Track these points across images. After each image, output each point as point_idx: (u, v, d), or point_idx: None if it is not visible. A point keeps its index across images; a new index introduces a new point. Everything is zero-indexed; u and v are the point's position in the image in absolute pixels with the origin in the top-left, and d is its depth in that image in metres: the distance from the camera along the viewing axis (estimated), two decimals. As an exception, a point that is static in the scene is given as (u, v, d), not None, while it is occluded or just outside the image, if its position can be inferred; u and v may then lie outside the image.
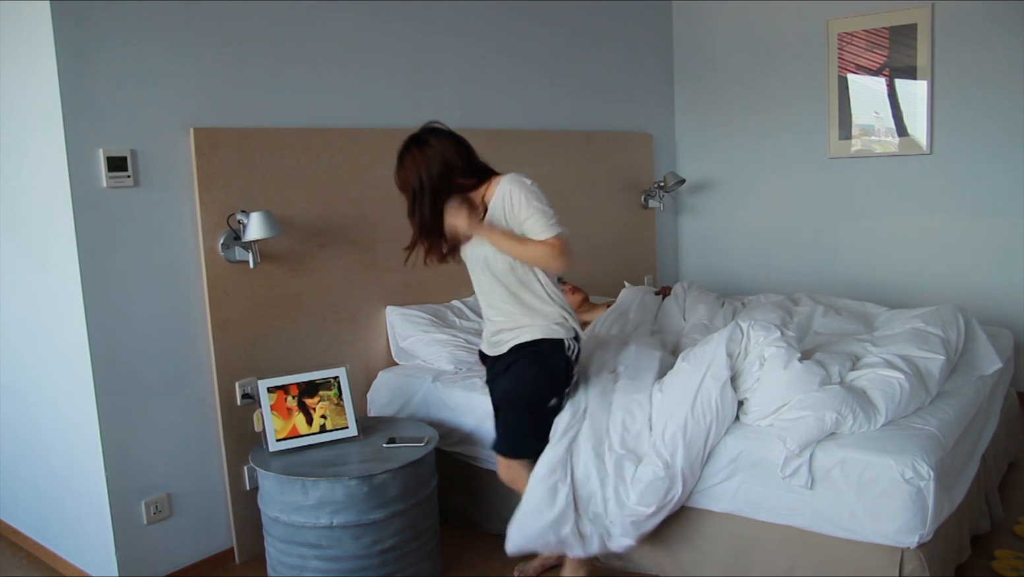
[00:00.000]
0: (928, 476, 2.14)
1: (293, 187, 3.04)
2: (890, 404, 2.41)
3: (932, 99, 4.26)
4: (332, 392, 2.78)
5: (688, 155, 5.21)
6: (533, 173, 3.13)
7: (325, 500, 2.44)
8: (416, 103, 3.53)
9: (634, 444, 2.51)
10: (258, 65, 2.95)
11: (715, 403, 2.45)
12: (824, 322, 3.27)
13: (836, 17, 4.49)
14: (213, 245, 2.80)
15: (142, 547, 2.71)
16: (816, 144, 4.68)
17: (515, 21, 4.02)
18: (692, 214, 5.25)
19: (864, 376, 2.53)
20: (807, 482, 2.29)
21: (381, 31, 3.37)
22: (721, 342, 2.54)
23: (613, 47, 4.66)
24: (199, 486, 2.84)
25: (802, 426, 2.32)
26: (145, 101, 2.64)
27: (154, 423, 2.71)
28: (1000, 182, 4.14)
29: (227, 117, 2.86)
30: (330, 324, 3.19)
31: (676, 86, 5.19)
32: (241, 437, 2.89)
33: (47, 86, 2.48)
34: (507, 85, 3.99)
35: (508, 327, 2.47)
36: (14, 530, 3.25)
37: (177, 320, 2.75)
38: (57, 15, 2.43)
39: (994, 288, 4.20)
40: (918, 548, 2.19)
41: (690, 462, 2.43)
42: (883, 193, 4.49)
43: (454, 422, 3.01)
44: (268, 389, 2.69)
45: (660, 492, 2.41)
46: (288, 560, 2.53)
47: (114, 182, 2.56)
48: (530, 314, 2.44)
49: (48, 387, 2.84)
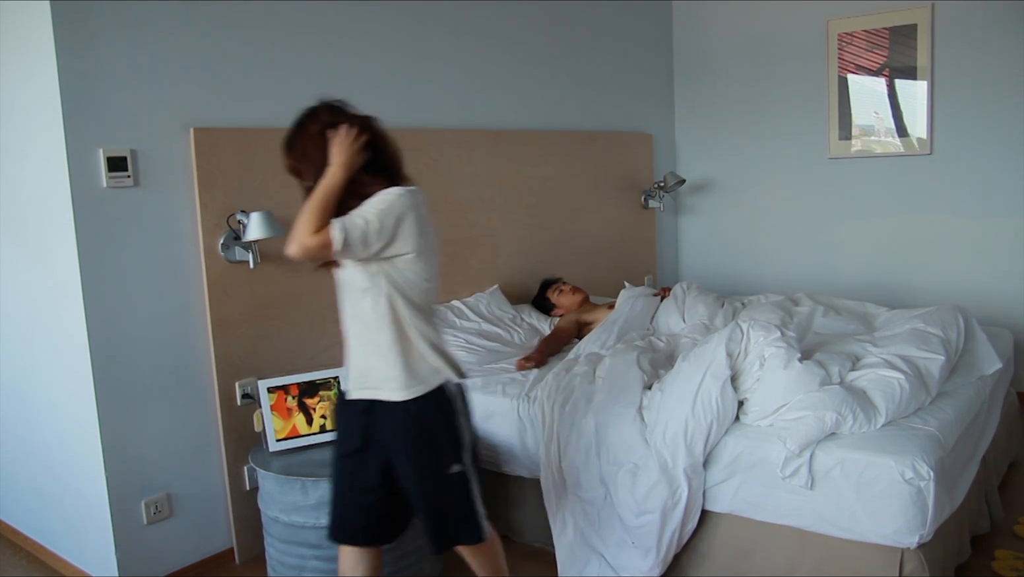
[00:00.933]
0: (928, 476, 2.14)
1: (293, 187, 3.00)
2: (890, 404, 2.40)
3: (932, 99, 4.26)
4: (332, 392, 2.78)
5: (688, 155, 5.22)
6: (533, 173, 3.14)
7: (325, 500, 2.43)
8: (416, 103, 3.53)
9: (626, 456, 2.51)
10: (258, 65, 2.95)
11: (715, 402, 2.45)
12: (824, 322, 3.26)
13: (836, 17, 4.49)
14: (213, 245, 2.80)
15: (142, 547, 2.71)
16: (816, 144, 4.68)
17: (515, 21, 4.02)
18: (692, 214, 5.25)
19: (864, 376, 2.53)
20: (807, 483, 2.29)
21: (381, 31, 3.37)
22: (721, 342, 2.54)
23: (613, 47, 4.66)
24: (199, 486, 2.84)
25: (802, 426, 2.32)
26: (145, 101, 2.64)
27: (154, 423, 2.71)
28: (1000, 182, 4.14)
29: (227, 117, 2.86)
30: (330, 324, 3.17)
31: (676, 86, 5.19)
32: (241, 437, 2.89)
33: (47, 86, 2.48)
34: (507, 85, 3.99)
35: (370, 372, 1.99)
36: (14, 530, 3.25)
37: (177, 320, 2.75)
38: (57, 15, 2.43)
39: (994, 288, 4.20)
40: (918, 548, 2.19)
41: (692, 463, 2.42)
42: (883, 193, 4.49)
43: (454, 422, 3.00)
44: (268, 389, 2.69)
45: (663, 496, 2.41)
46: (288, 560, 2.53)
47: (114, 182, 2.56)
48: (395, 359, 1.95)
49: (48, 387, 2.84)
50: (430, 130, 3.56)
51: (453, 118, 3.71)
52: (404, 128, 3.47)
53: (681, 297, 3.57)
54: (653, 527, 2.43)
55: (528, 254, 4.08)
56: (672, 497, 2.41)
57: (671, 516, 2.42)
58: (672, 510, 2.42)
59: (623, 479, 2.50)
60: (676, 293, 3.61)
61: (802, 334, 3.08)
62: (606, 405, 2.65)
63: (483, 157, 3.80)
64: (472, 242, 3.76)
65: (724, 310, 3.47)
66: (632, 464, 2.50)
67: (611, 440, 2.57)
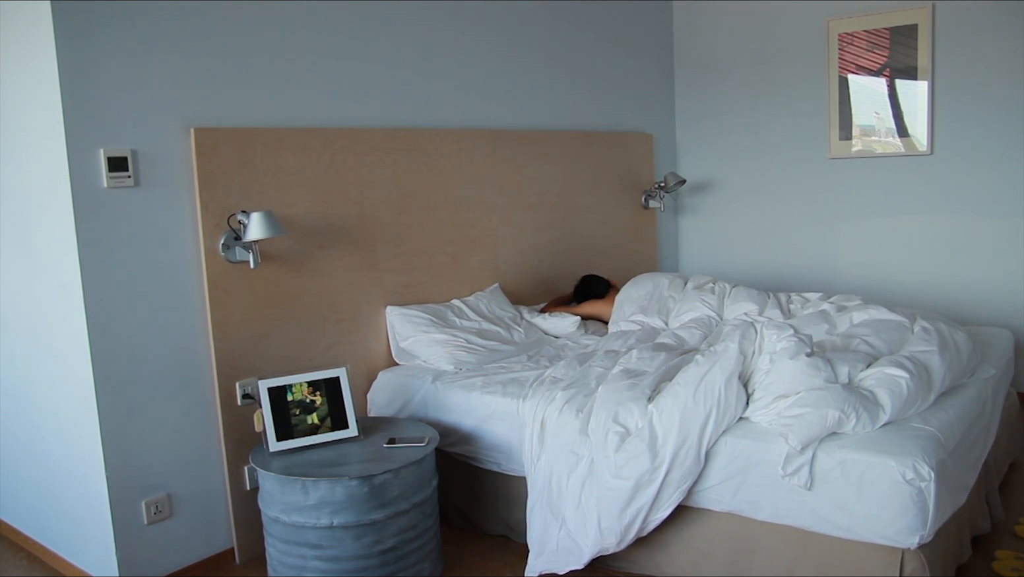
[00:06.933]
0: (929, 477, 2.14)
1: (293, 187, 3.04)
2: (896, 402, 2.40)
3: (932, 99, 4.26)
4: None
5: (688, 155, 5.21)
6: (534, 173, 3.16)
7: (325, 500, 2.44)
8: (416, 103, 3.53)
9: (624, 419, 2.55)
10: (258, 65, 2.94)
11: (718, 391, 2.46)
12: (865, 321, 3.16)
13: (836, 17, 4.49)
14: (213, 245, 2.80)
15: (142, 547, 2.71)
16: (816, 144, 4.68)
17: (515, 21, 4.02)
18: (692, 214, 5.25)
19: (871, 376, 2.54)
20: (807, 483, 2.29)
21: (381, 31, 3.37)
22: (735, 340, 2.60)
23: (613, 47, 4.66)
24: (199, 486, 2.84)
25: (804, 423, 2.32)
26: (145, 101, 2.64)
27: (154, 423, 2.71)
28: (1000, 182, 4.14)
29: (227, 117, 2.86)
30: (330, 324, 3.18)
31: (676, 86, 5.19)
32: (241, 437, 2.89)
33: (47, 86, 2.48)
34: (507, 85, 3.99)
35: None
36: (14, 530, 3.25)
37: (177, 320, 2.75)
38: (57, 15, 2.42)
39: (994, 288, 4.20)
40: (919, 549, 2.19)
41: (683, 442, 2.42)
42: (883, 193, 4.49)
43: (454, 422, 3.01)
44: (268, 389, 2.69)
45: (643, 467, 2.42)
46: (288, 560, 2.53)
47: (114, 182, 2.56)
48: None
49: (48, 387, 2.84)
50: (430, 130, 3.56)
51: (453, 118, 3.71)
52: (404, 128, 3.47)
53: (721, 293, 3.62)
54: (623, 493, 2.45)
55: (528, 254, 4.08)
56: (651, 473, 2.42)
57: (643, 491, 2.44)
58: (646, 486, 2.43)
59: (611, 439, 2.51)
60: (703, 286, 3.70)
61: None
62: (617, 379, 2.69)
63: (483, 157, 3.80)
64: (472, 242, 3.76)
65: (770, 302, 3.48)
66: (623, 428, 2.52)
67: (609, 401, 2.60)
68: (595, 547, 2.54)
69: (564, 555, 2.60)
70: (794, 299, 3.56)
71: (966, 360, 2.83)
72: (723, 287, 3.65)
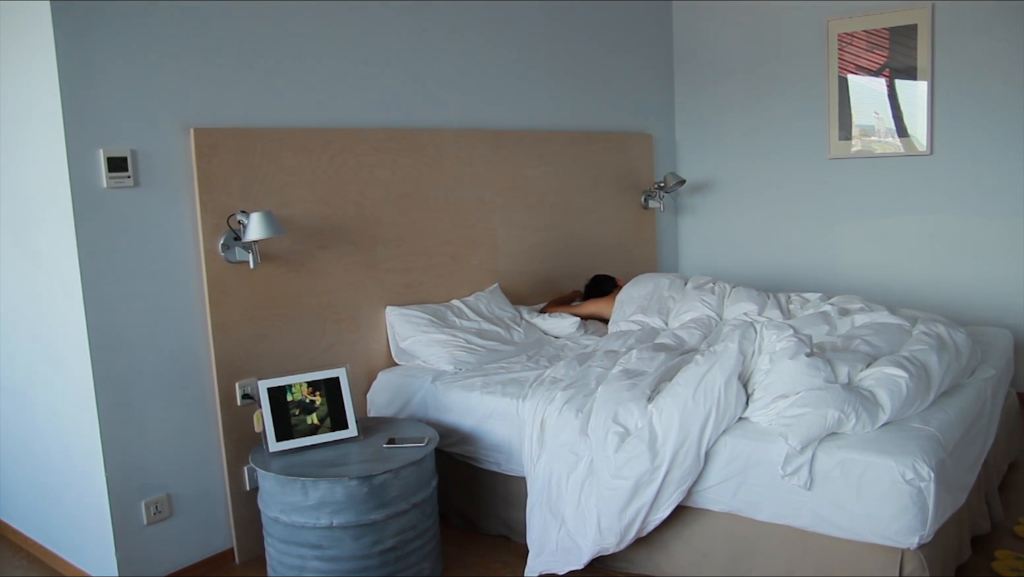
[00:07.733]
0: (928, 477, 2.14)
1: (293, 187, 3.04)
2: (896, 402, 2.40)
3: (932, 99, 4.26)
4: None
5: (688, 155, 5.21)
6: (533, 173, 3.18)
7: (325, 500, 2.44)
8: (416, 103, 3.54)
9: (623, 419, 2.55)
10: (258, 65, 2.94)
11: (718, 391, 2.46)
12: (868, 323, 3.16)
13: (836, 17, 4.49)
14: (213, 245, 2.80)
15: (142, 547, 2.71)
16: (816, 145, 4.68)
17: (515, 21, 4.02)
18: (692, 214, 5.25)
19: (871, 376, 2.54)
20: (806, 483, 2.29)
21: (381, 31, 3.37)
22: (734, 340, 2.60)
23: (613, 47, 4.66)
24: (199, 486, 2.84)
25: (804, 423, 2.32)
26: (145, 101, 2.64)
27: (154, 423, 2.71)
28: (1000, 182, 4.14)
29: (227, 117, 2.86)
30: (330, 324, 3.18)
31: (676, 86, 5.19)
32: (241, 437, 2.89)
33: (47, 86, 2.48)
34: (507, 85, 3.99)
35: None
36: (14, 530, 3.25)
37: (177, 320, 2.75)
38: (57, 15, 2.42)
39: (994, 288, 4.20)
40: (918, 549, 2.19)
41: (683, 442, 2.42)
42: (883, 194, 4.49)
43: (454, 423, 3.01)
44: (268, 389, 2.69)
45: (642, 467, 2.42)
46: (288, 560, 2.53)
47: (114, 182, 2.56)
48: None
49: (48, 387, 2.84)
50: (430, 130, 3.56)
51: (453, 118, 3.71)
52: (404, 128, 3.47)
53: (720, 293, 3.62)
54: (622, 493, 2.45)
55: (528, 254, 4.08)
56: (650, 473, 2.42)
57: (643, 491, 2.44)
58: (646, 486, 2.43)
59: (610, 440, 2.51)
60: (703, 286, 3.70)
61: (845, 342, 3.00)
62: (616, 379, 2.69)
63: (483, 157, 3.80)
64: (472, 242, 3.76)
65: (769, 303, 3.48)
66: (623, 428, 2.51)
67: (609, 402, 2.60)
68: (595, 547, 2.54)
69: (564, 555, 2.60)
70: (794, 299, 3.56)
71: (966, 360, 2.83)
72: (723, 287, 3.65)
